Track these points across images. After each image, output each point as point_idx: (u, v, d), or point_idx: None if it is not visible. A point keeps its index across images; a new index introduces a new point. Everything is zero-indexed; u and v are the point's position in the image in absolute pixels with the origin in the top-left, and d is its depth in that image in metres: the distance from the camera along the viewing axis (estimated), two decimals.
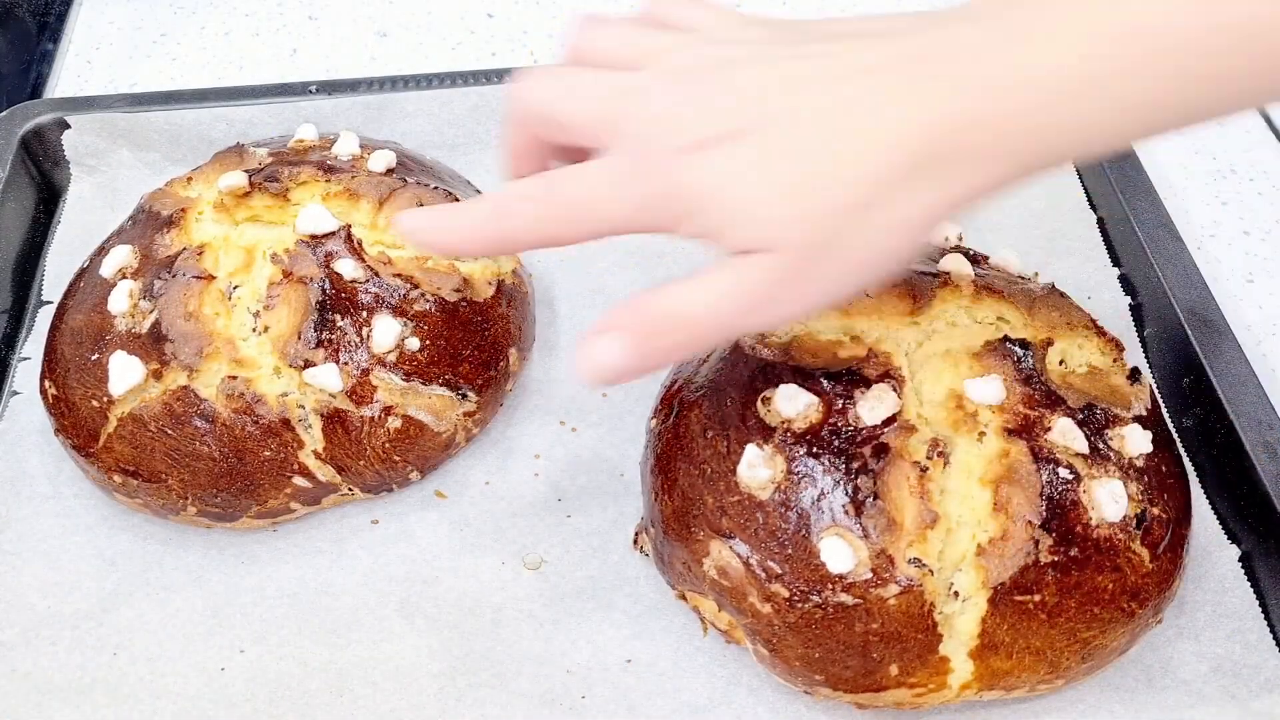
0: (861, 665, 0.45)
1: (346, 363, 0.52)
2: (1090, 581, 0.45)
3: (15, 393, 0.60)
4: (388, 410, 0.52)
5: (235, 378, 0.51)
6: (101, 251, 0.57)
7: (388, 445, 0.53)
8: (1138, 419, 0.49)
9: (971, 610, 0.45)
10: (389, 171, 0.58)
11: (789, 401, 0.47)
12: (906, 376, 0.48)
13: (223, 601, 0.52)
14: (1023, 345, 0.49)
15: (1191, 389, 0.58)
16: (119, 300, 0.53)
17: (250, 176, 0.56)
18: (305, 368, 0.51)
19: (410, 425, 0.53)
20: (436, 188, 0.57)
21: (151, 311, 0.53)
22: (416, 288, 0.54)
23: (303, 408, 0.52)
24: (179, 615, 0.52)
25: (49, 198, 0.70)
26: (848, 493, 0.45)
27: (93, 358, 0.53)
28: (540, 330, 0.62)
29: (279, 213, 0.56)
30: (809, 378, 0.48)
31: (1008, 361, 0.48)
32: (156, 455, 0.51)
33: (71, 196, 0.68)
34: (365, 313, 0.53)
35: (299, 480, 0.52)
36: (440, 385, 0.54)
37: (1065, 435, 0.46)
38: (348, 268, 0.53)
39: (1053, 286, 0.53)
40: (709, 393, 0.50)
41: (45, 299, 0.64)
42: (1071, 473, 0.46)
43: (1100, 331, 0.52)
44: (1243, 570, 0.53)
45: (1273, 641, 0.50)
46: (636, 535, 0.53)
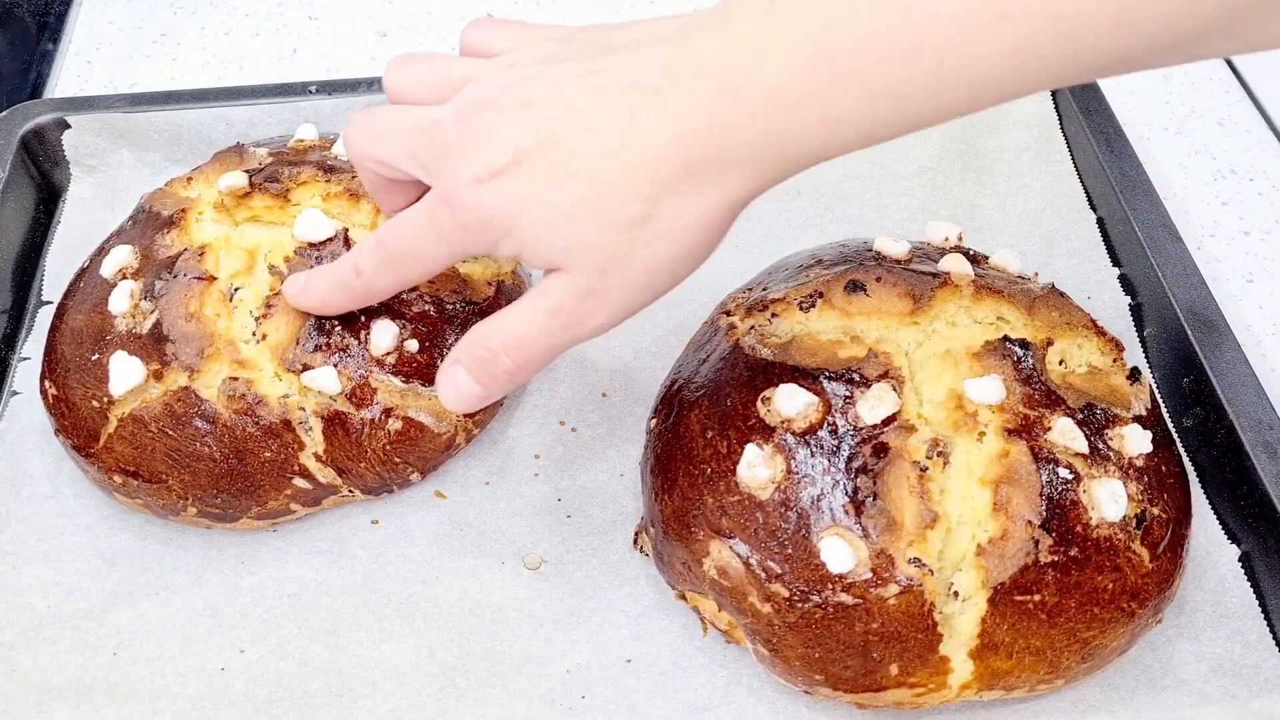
0: (861, 665, 0.45)
1: (345, 366, 0.52)
2: (1090, 581, 0.45)
3: (15, 393, 0.60)
4: (388, 412, 0.52)
5: (236, 379, 0.51)
6: (101, 251, 0.57)
7: (388, 447, 0.53)
8: (1138, 419, 0.49)
9: (971, 610, 0.45)
10: None
11: (789, 401, 0.47)
12: (906, 376, 0.48)
13: (223, 601, 0.52)
14: (1023, 345, 0.49)
15: (1191, 389, 0.58)
16: (119, 300, 0.53)
17: (250, 177, 0.56)
18: (304, 371, 0.51)
19: (410, 427, 0.53)
20: None
21: (152, 312, 0.53)
22: (415, 289, 0.54)
23: (303, 410, 0.52)
24: (179, 615, 0.52)
25: (49, 198, 0.70)
26: (848, 492, 0.45)
27: (93, 358, 0.53)
28: None
29: (279, 213, 0.56)
30: (809, 377, 0.48)
31: (1008, 361, 0.48)
32: (157, 456, 0.51)
33: (71, 196, 0.68)
34: (364, 315, 0.53)
35: (299, 482, 0.52)
36: None
37: (1065, 435, 0.47)
38: None
39: (1053, 286, 0.53)
40: (709, 393, 0.50)
41: (45, 299, 0.64)
42: (1071, 473, 0.46)
43: (1100, 331, 0.52)
44: (1243, 570, 0.53)
45: (1273, 641, 0.50)
46: (636, 535, 0.53)
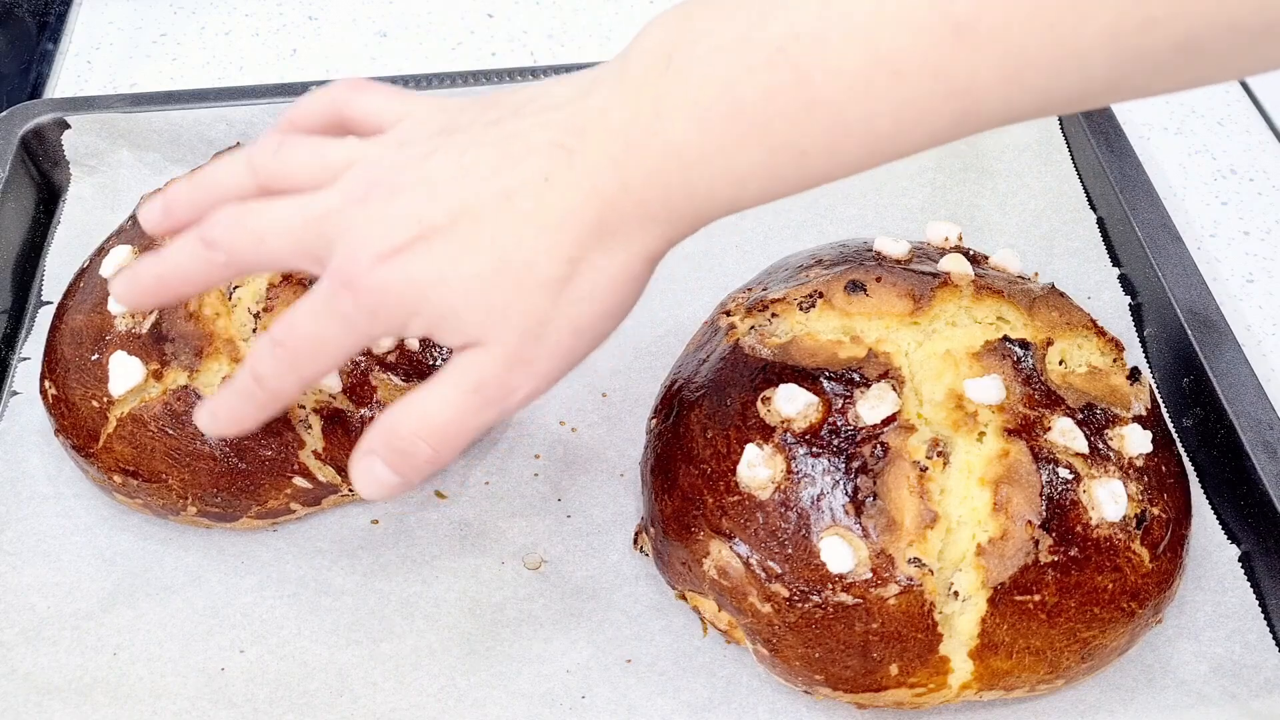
0: (861, 665, 0.45)
1: (346, 364, 0.52)
2: (1090, 581, 0.45)
3: (15, 393, 0.60)
4: None
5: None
6: (101, 251, 0.57)
7: None
8: (1138, 419, 0.49)
9: (971, 610, 0.45)
10: None
11: (789, 401, 0.47)
12: (906, 376, 0.48)
13: (223, 601, 0.52)
14: (1023, 345, 0.49)
15: (1191, 389, 0.58)
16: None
17: None
18: None
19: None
20: None
21: (152, 312, 0.53)
22: None
23: (303, 408, 0.52)
24: (179, 615, 0.52)
25: (49, 198, 0.70)
26: (848, 492, 0.45)
27: (93, 358, 0.53)
28: None
29: None
30: (809, 378, 0.48)
31: (1008, 361, 0.48)
32: (156, 455, 0.51)
33: (71, 196, 0.68)
34: None
35: (299, 481, 0.52)
36: None
37: (1065, 435, 0.47)
38: None
39: (1053, 286, 0.53)
40: (709, 393, 0.50)
41: (45, 299, 0.64)
42: (1071, 473, 0.46)
43: (1100, 331, 0.52)
44: (1242, 570, 0.53)
45: (1273, 641, 0.50)
46: (636, 535, 0.53)
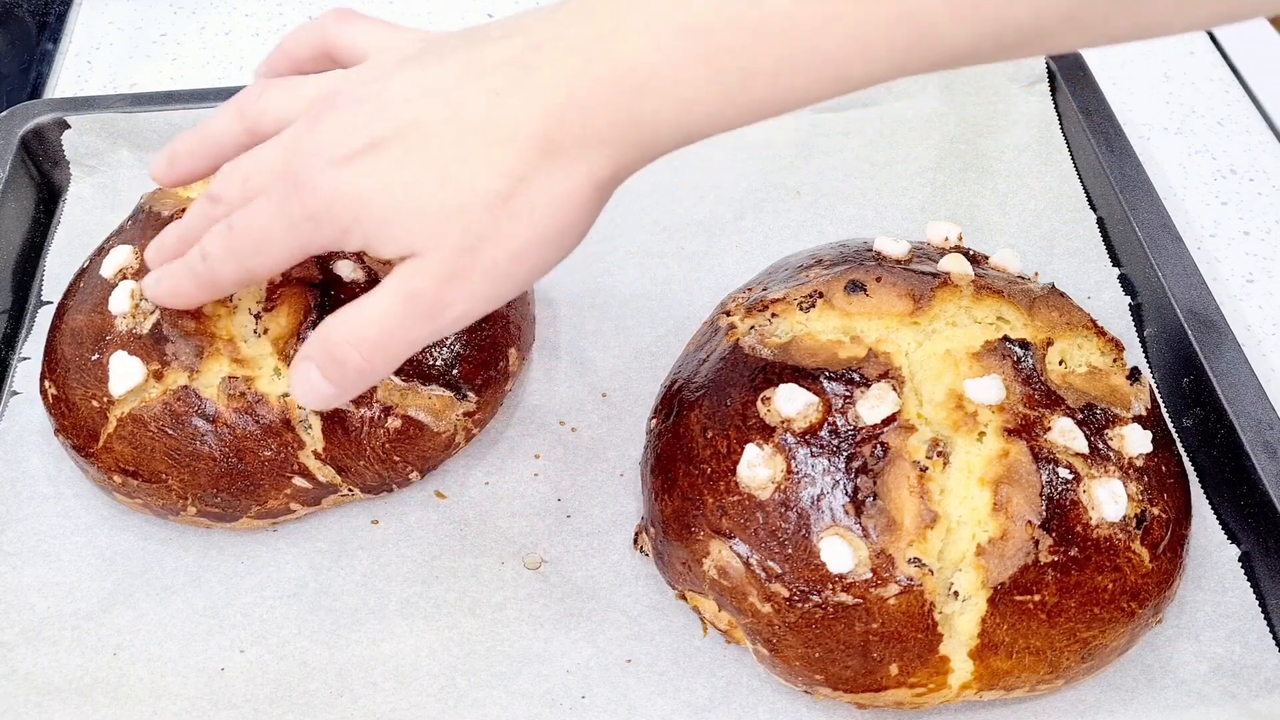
0: (861, 665, 0.45)
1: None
2: (1090, 581, 0.45)
3: (15, 393, 0.60)
4: (387, 410, 0.52)
5: (236, 378, 0.51)
6: (101, 252, 0.57)
7: (387, 445, 0.53)
8: (1138, 419, 0.49)
9: (971, 610, 0.45)
10: None
11: (789, 401, 0.47)
12: (906, 376, 0.48)
13: (223, 601, 0.52)
14: (1023, 345, 0.49)
15: (1191, 389, 0.58)
16: (120, 301, 0.53)
17: None
18: None
19: (410, 425, 0.53)
20: None
21: (152, 312, 0.52)
22: None
23: (303, 408, 0.52)
24: (179, 615, 0.52)
25: (49, 198, 0.70)
26: (848, 492, 0.45)
27: (93, 358, 0.53)
28: (540, 330, 0.62)
29: None
30: (809, 377, 0.48)
31: (1007, 361, 0.48)
32: (156, 455, 0.51)
33: (71, 196, 0.68)
34: None
35: (299, 481, 0.52)
36: (440, 385, 0.54)
37: (1065, 435, 0.47)
38: (346, 269, 0.53)
39: (1053, 286, 0.53)
40: (709, 393, 0.50)
41: (45, 299, 0.64)
42: (1071, 473, 0.46)
43: (1100, 331, 0.52)
44: (1243, 570, 0.53)
45: (1273, 641, 0.50)
46: (636, 535, 0.53)
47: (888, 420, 0.46)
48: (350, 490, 0.54)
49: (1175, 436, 0.53)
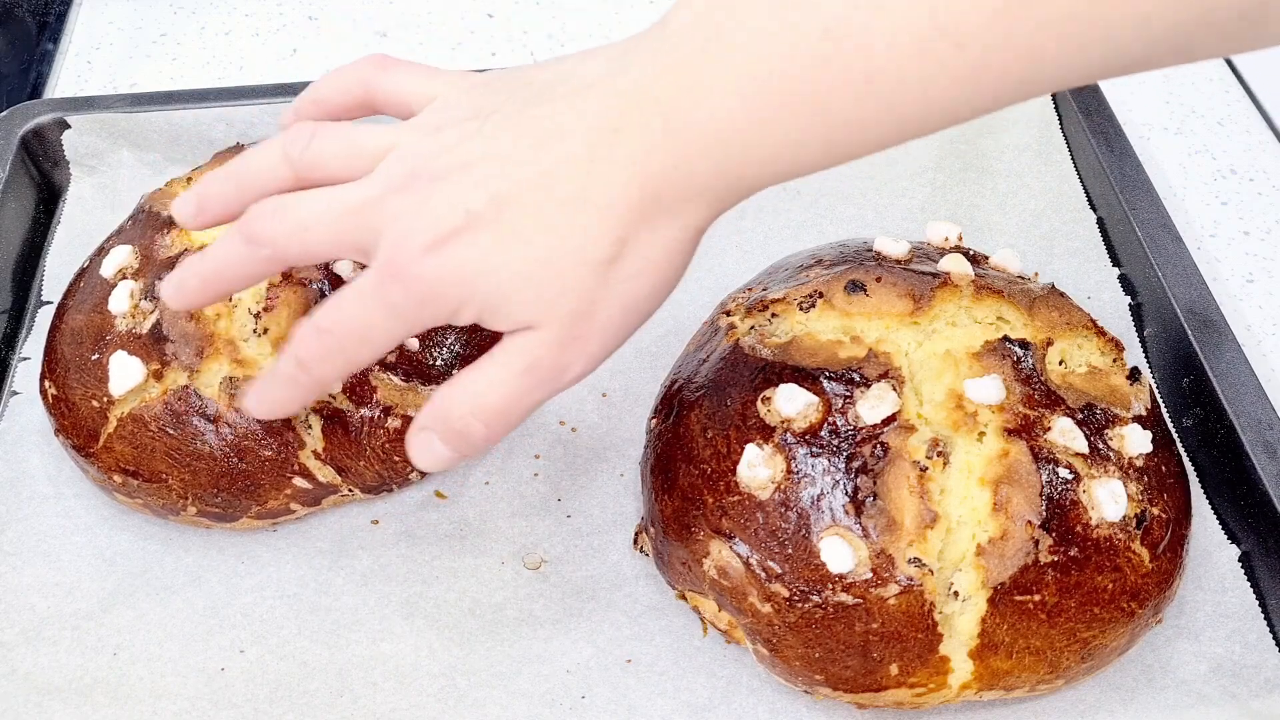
0: (861, 665, 0.45)
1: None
2: (1090, 581, 0.45)
3: (15, 393, 0.60)
4: (387, 410, 0.52)
5: (236, 378, 0.51)
6: (101, 251, 0.57)
7: (387, 445, 0.53)
8: (1137, 419, 0.49)
9: (971, 610, 0.45)
10: None
11: (789, 401, 0.47)
12: (906, 376, 0.48)
13: (223, 601, 0.52)
14: (1023, 345, 0.49)
15: (1191, 389, 0.58)
16: (119, 300, 0.53)
17: None
18: None
19: (410, 425, 0.53)
20: None
21: (152, 312, 0.53)
22: None
23: (303, 408, 0.52)
24: (179, 615, 0.52)
25: (49, 198, 0.70)
26: (848, 492, 0.45)
27: (93, 358, 0.53)
28: None
29: None
30: (809, 378, 0.48)
31: (1007, 361, 0.48)
32: (157, 455, 0.51)
33: (71, 196, 0.68)
34: None
35: (299, 481, 0.52)
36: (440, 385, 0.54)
37: (1065, 435, 0.47)
38: (346, 269, 0.53)
39: (1053, 286, 0.53)
40: (709, 393, 0.50)
41: (45, 299, 0.64)
42: (1071, 473, 0.46)
43: (1100, 331, 0.52)
44: (1243, 570, 0.53)
45: (1273, 641, 0.50)
46: (636, 535, 0.53)
47: (888, 420, 0.46)
48: (350, 490, 0.54)
49: (1175, 436, 0.53)
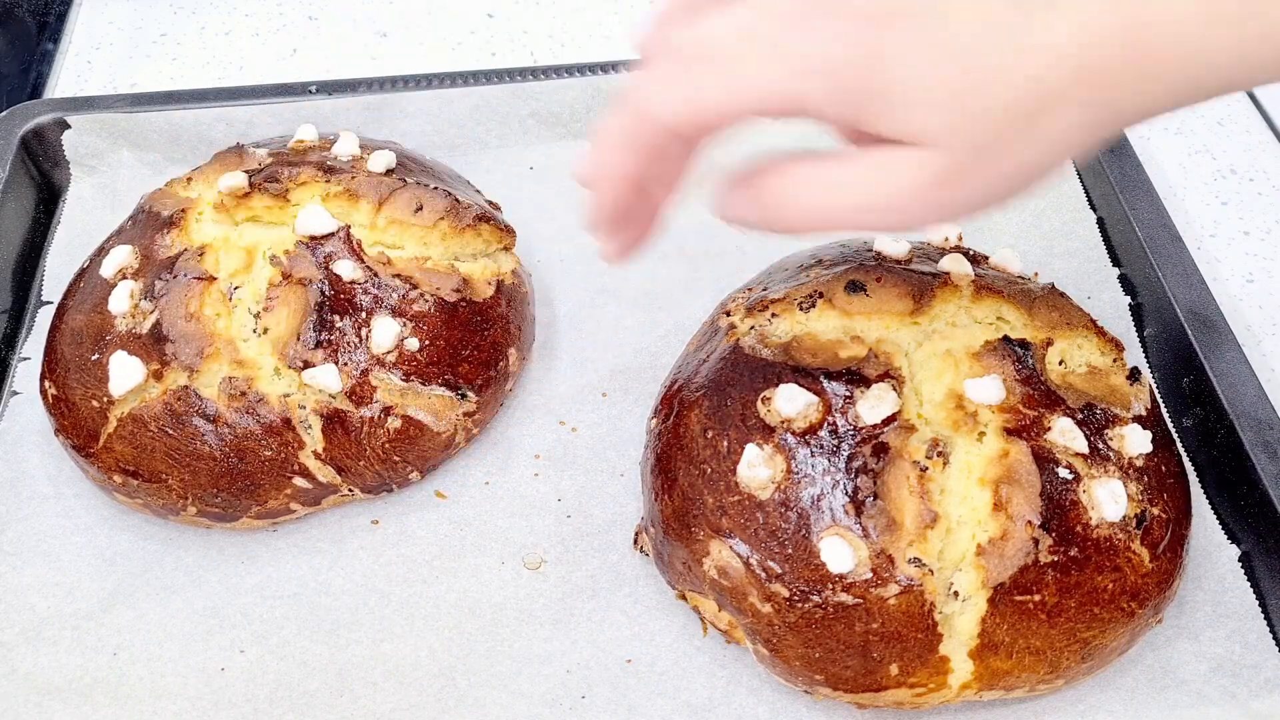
0: (861, 665, 0.45)
1: (346, 363, 0.52)
2: (1090, 581, 0.45)
3: (15, 393, 0.60)
4: (387, 410, 0.52)
5: (236, 377, 0.51)
6: (101, 252, 0.57)
7: (387, 445, 0.53)
8: (1137, 419, 0.49)
9: (971, 610, 0.45)
10: (389, 172, 0.58)
11: (789, 401, 0.47)
12: (906, 376, 0.48)
13: (223, 601, 0.52)
14: (1023, 345, 0.49)
15: (1191, 389, 0.58)
16: (119, 300, 0.53)
17: (250, 177, 0.56)
18: (305, 368, 0.51)
19: (410, 425, 0.53)
20: (436, 188, 0.57)
21: (152, 312, 0.53)
22: (416, 288, 0.54)
23: (303, 408, 0.52)
24: (179, 615, 0.52)
25: (49, 198, 0.70)
26: (848, 492, 0.45)
27: (93, 358, 0.53)
28: (540, 330, 0.62)
29: (279, 213, 0.56)
30: (809, 377, 0.48)
31: (1008, 361, 0.48)
32: (157, 455, 0.51)
33: (71, 196, 0.68)
34: (364, 313, 0.53)
35: (299, 481, 0.52)
36: (440, 385, 0.54)
37: (1065, 435, 0.46)
38: (347, 268, 0.53)
39: (1053, 286, 0.53)
40: (709, 393, 0.50)
41: (45, 299, 0.64)
42: (1071, 473, 0.46)
43: (1100, 331, 0.52)
44: (1242, 570, 0.53)
45: (1272, 641, 0.50)
46: (636, 535, 0.53)
47: (888, 420, 0.46)
48: (350, 490, 0.54)
49: (1175, 436, 0.53)
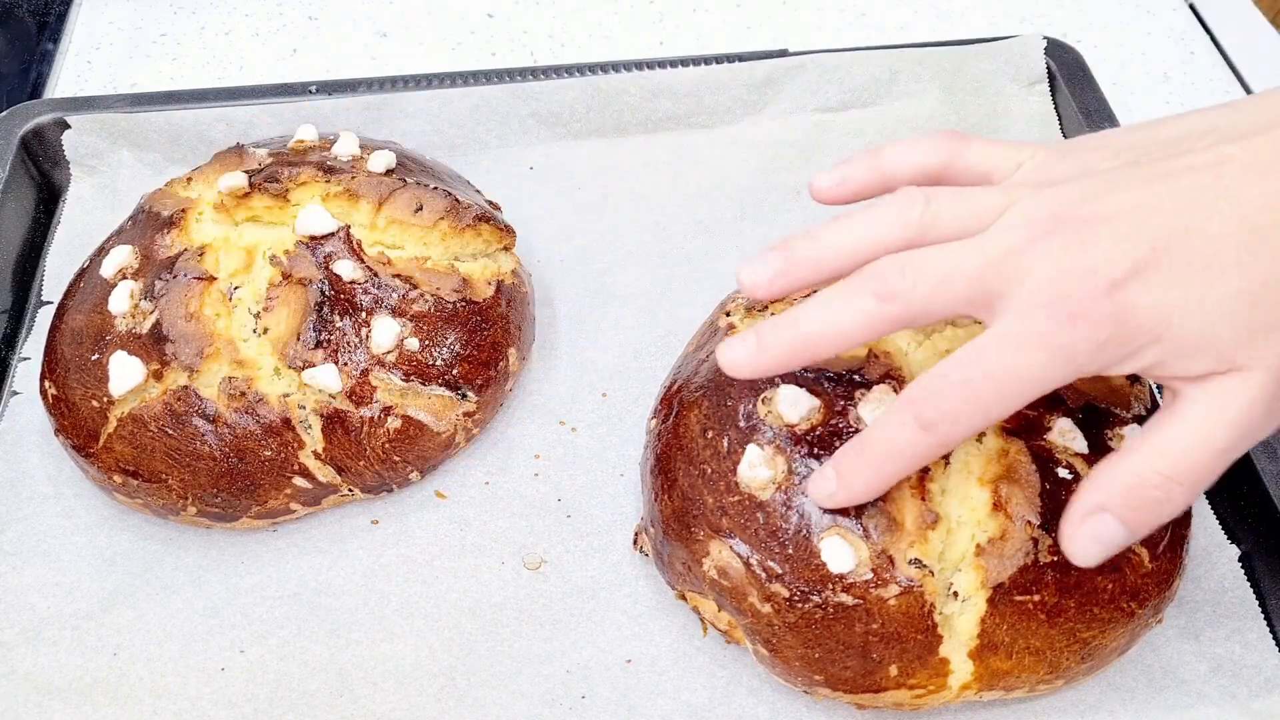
0: (861, 666, 0.45)
1: (346, 363, 0.52)
2: (1090, 581, 0.45)
3: (15, 393, 0.60)
4: (387, 410, 0.53)
5: (236, 378, 0.51)
6: (101, 252, 0.57)
7: (387, 445, 0.53)
8: (1137, 419, 0.49)
9: (971, 610, 0.45)
10: (389, 172, 0.58)
11: (790, 403, 0.47)
12: (907, 377, 0.48)
13: (223, 601, 0.52)
14: None
15: None
16: (119, 300, 0.53)
17: (250, 177, 0.56)
18: (305, 368, 0.51)
19: (410, 425, 0.53)
20: (436, 188, 0.57)
21: (152, 312, 0.53)
22: (416, 288, 0.54)
23: (303, 408, 0.52)
24: (179, 615, 0.52)
25: (49, 198, 0.70)
26: None
27: (93, 358, 0.53)
28: (540, 330, 0.62)
29: (279, 213, 0.56)
30: (809, 379, 0.48)
31: None
32: (157, 455, 0.51)
33: (71, 196, 0.68)
34: (364, 313, 0.53)
35: (299, 481, 0.52)
36: (440, 385, 0.54)
37: (1065, 435, 0.46)
38: (347, 268, 0.53)
39: None
40: (709, 393, 0.50)
41: (45, 299, 0.64)
42: (1071, 473, 0.46)
43: None
44: (1243, 570, 0.53)
45: (1273, 641, 0.50)
46: (636, 535, 0.53)
47: None
48: (350, 490, 0.54)
49: None
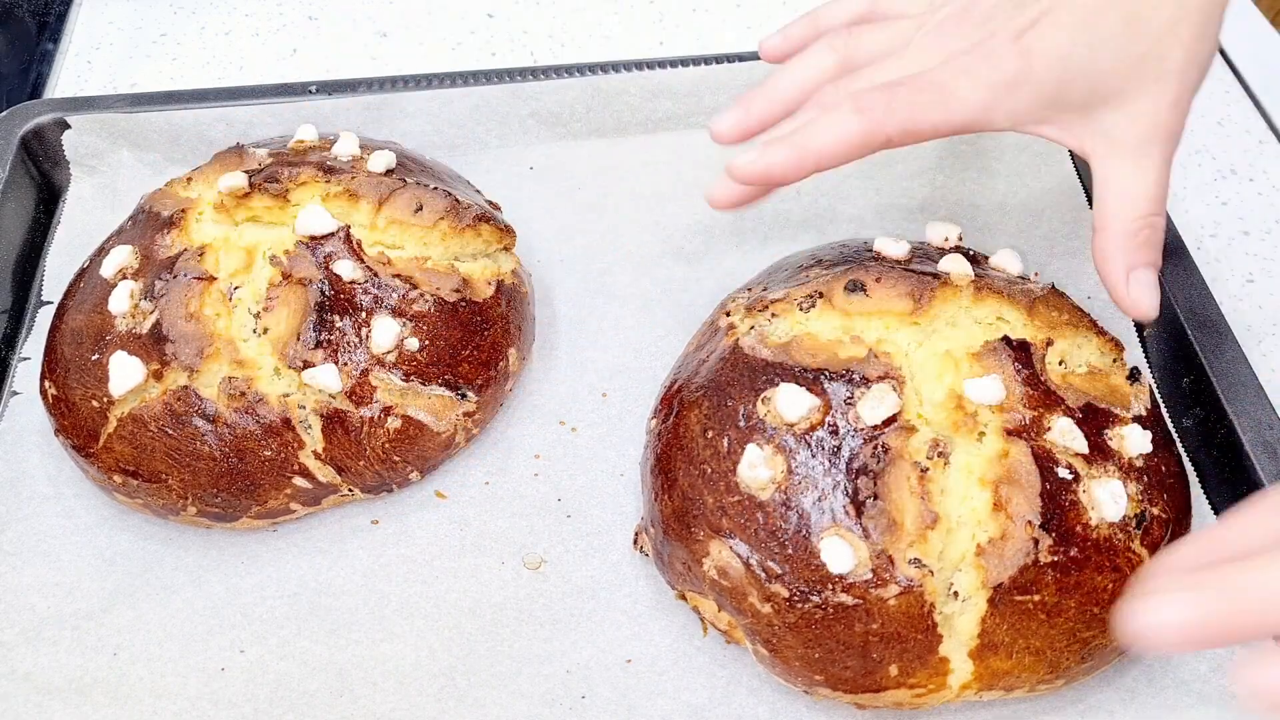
0: (861, 665, 0.45)
1: (346, 363, 0.52)
2: (1090, 581, 0.45)
3: (15, 393, 0.60)
4: (387, 410, 0.52)
5: (236, 378, 0.51)
6: (101, 252, 0.57)
7: (387, 445, 0.53)
8: (1137, 419, 0.49)
9: (971, 610, 0.45)
10: (389, 172, 0.58)
11: (789, 402, 0.47)
12: (907, 377, 0.48)
13: (223, 601, 0.52)
14: (1023, 345, 0.49)
15: (1191, 389, 0.58)
16: (119, 300, 0.53)
17: (250, 177, 0.56)
18: (305, 368, 0.51)
19: (410, 425, 0.53)
20: (436, 188, 0.57)
21: (152, 312, 0.53)
22: (415, 288, 0.54)
23: (303, 408, 0.52)
24: (179, 615, 0.52)
25: (49, 198, 0.70)
26: (848, 493, 0.45)
27: (93, 358, 0.53)
28: (540, 330, 0.62)
29: (279, 213, 0.56)
30: (809, 378, 0.48)
31: (1007, 362, 0.48)
32: (157, 455, 0.51)
33: (71, 196, 0.68)
34: (364, 313, 0.53)
35: (299, 481, 0.52)
36: (440, 385, 0.54)
37: (1065, 435, 0.46)
38: (347, 269, 0.53)
39: (1053, 286, 0.53)
40: (709, 393, 0.50)
41: (45, 299, 0.64)
42: (1071, 473, 0.46)
43: (1100, 331, 0.52)
44: None
45: (1272, 641, 0.50)
46: (636, 535, 0.53)
47: (888, 421, 0.46)
48: (350, 490, 0.54)
49: (1175, 436, 0.53)
